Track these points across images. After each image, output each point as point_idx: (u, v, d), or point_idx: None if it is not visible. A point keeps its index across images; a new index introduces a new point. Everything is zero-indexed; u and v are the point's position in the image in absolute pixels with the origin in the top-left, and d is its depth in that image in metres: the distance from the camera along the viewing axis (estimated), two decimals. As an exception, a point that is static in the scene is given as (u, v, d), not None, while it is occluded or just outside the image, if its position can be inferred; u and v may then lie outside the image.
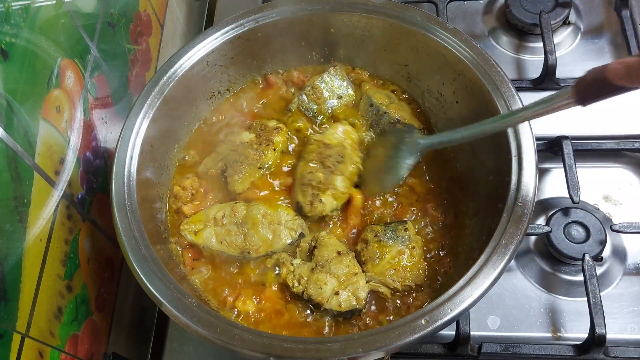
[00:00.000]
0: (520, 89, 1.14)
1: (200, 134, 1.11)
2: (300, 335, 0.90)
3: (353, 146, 1.03)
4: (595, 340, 0.90)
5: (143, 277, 0.82)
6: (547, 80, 1.18)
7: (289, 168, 1.05)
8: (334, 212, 0.98)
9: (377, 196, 1.00)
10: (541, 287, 1.03)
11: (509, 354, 0.93)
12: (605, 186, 1.12)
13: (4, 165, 0.71)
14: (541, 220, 1.09)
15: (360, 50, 1.12)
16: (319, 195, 0.96)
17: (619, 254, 1.04)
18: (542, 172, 1.15)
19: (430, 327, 0.75)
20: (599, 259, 1.02)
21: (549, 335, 0.98)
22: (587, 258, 0.96)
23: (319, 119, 1.09)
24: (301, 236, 0.97)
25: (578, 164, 1.06)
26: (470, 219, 0.96)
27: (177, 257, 0.97)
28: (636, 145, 1.11)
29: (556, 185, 1.12)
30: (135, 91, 1.13)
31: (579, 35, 1.29)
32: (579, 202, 1.03)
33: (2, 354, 0.69)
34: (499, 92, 0.93)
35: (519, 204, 0.83)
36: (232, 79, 1.13)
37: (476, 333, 0.96)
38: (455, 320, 0.79)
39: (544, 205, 1.11)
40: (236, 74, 1.13)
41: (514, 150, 0.88)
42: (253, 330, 0.79)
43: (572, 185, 1.04)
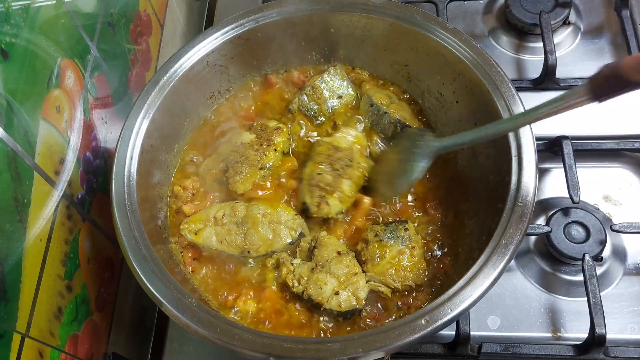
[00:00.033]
0: (520, 89, 1.14)
1: (200, 134, 1.11)
2: (300, 335, 0.90)
3: (362, 151, 1.03)
4: (595, 340, 0.90)
5: (143, 277, 0.82)
6: (547, 80, 1.18)
7: (291, 169, 1.05)
8: (338, 215, 0.98)
9: (388, 201, 1.00)
10: (541, 287, 1.03)
11: (509, 354, 0.93)
12: (605, 186, 1.12)
13: (4, 165, 0.71)
14: (541, 220, 1.09)
15: (360, 50, 1.12)
16: (325, 197, 0.96)
17: (619, 254, 1.04)
18: (542, 172, 1.15)
19: (430, 327, 0.75)
20: (599, 259, 1.02)
21: (549, 335, 0.98)
22: (587, 258, 0.96)
23: (320, 119, 1.09)
24: (301, 236, 0.97)
25: (578, 164, 1.06)
26: (470, 219, 0.96)
27: (177, 257, 0.97)
28: (636, 145, 1.11)
29: (556, 185, 1.12)
30: (135, 91, 1.13)
31: (579, 35, 1.29)
32: (579, 202, 1.03)
33: (2, 354, 0.69)
34: (499, 92, 0.93)
35: (519, 204, 0.83)
36: (232, 79, 1.13)
37: (476, 333, 0.96)
38: (455, 320, 0.79)
39: (544, 205, 1.11)
40: (236, 74, 1.13)
41: (514, 150, 0.88)
42: (253, 330, 0.79)
43: (572, 185, 1.04)
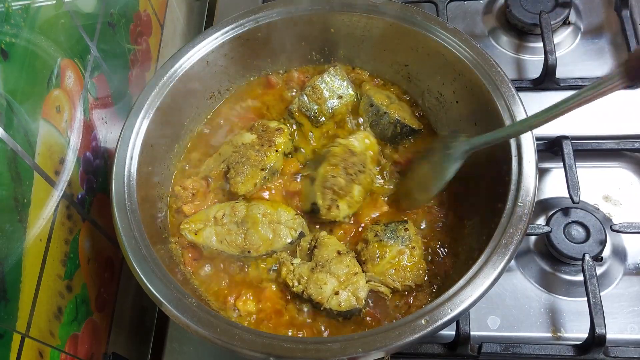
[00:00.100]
0: (520, 89, 1.14)
1: (200, 135, 1.11)
2: (300, 335, 0.90)
3: (373, 158, 1.03)
4: (595, 340, 0.90)
5: (143, 277, 0.82)
6: (547, 80, 1.18)
7: (292, 171, 1.05)
8: (345, 219, 0.98)
9: (420, 206, 1.00)
10: (541, 287, 1.03)
11: (509, 354, 0.93)
12: (605, 186, 1.12)
13: (4, 165, 0.71)
14: (541, 220, 1.09)
15: (360, 50, 1.12)
16: (337, 201, 0.96)
17: (619, 254, 1.04)
18: (542, 172, 1.15)
19: (430, 327, 0.75)
20: (599, 259, 1.02)
21: (549, 335, 0.98)
22: (587, 258, 0.96)
23: (321, 119, 1.09)
24: (301, 235, 0.97)
25: (578, 164, 1.06)
26: (470, 219, 0.96)
27: (177, 257, 0.96)
28: (636, 145, 1.11)
29: (556, 185, 1.12)
30: (135, 91, 1.13)
31: (579, 35, 1.29)
32: (579, 202, 1.03)
33: (2, 354, 0.69)
34: (499, 92, 0.93)
35: (519, 204, 0.83)
36: (232, 79, 1.13)
37: (476, 333, 0.96)
38: (455, 320, 0.79)
39: (544, 205, 1.11)
40: (236, 74, 1.13)
41: (514, 150, 0.88)
42: (253, 330, 0.79)
43: (572, 185, 1.04)
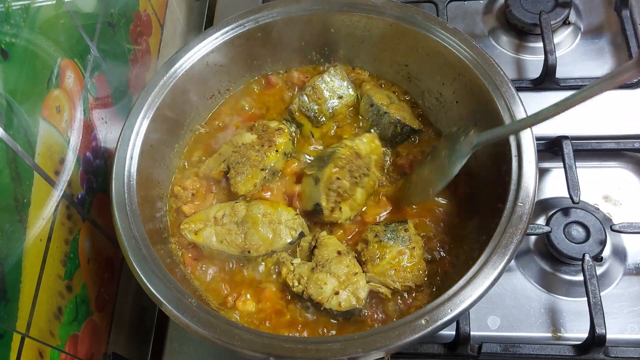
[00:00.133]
0: (520, 89, 1.14)
1: (200, 135, 1.11)
2: (300, 335, 0.90)
3: (377, 162, 1.03)
4: (595, 340, 0.90)
5: (143, 277, 0.82)
6: (547, 80, 1.18)
7: (293, 172, 1.05)
8: (346, 221, 0.99)
9: (425, 202, 1.00)
10: (541, 287, 1.03)
11: (509, 354, 0.93)
12: (605, 186, 1.12)
13: (4, 165, 0.71)
14: (541, 220, 1.09)
15: (360, 50, 1.12)
16: (340, 203, 0.96)
17: (619, 254, 1.04)
18: (542, 172, 1.14)
19: (430, 327, 0.75)
20: (599, 259, 1.02)
21: (549, 335, 0.98)
22: (587, 258, 0.96)
23: (322, 119, 1.09)
24: (301, 235, 0.97)
25: (578, 164, 1.06)
26: (470, 219, 0.96)
27: (177, 257, 0.96)
28: (636, 145, 1.11)
29: (556, 185, 1.12)
30: (135, 91, 1.13)
31: (579, 35, 1.29)
32: (579, 202, 1.03)
33: (2, 354, 0.69)
34: (499, 92, 0.93)
35: (519, 204, 0.83)
36: (232, 79, 1.13)
37: (476, 333, 0.96)
38: (455, 320, 0.79)
39: (544, 205, 1.11)
40: (236, 74, 1.13)
41: (514, 150, 0.88)
42: (253, 330, 0.79)
43: (572, 185, 1.04)
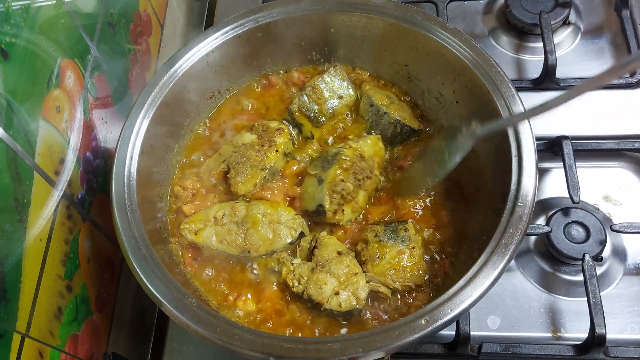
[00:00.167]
0: (520, 89, 1.14)
1: (200, 135, 1.11)
2: (300, 335, 0.90)
3: (379, 164, 1.04)
4: (595, 340, 0.90)
5: (143, 277, 0.82)
6: (547, 80, 1.18)
7: (294, 173, 1.05)
8: (347, 223, 0.99)
9: (420, 193, 1.00)
10: (541, 287, 1.02)
11: (509, 354, 0.93)
12: (605, 186, 1.12)
13: (4, 165, 0.71)
14: (541, 220, 1.09)
15: (361, 50, 1.12)
16: (343, 206, 0.96)
17: (619, 254, 1.04)
18: (542, 172, 1.14)
19: (430, 327, 0.75)
20: (599, 259, 1.02)
21: (549, 335, 0.98)
22: (587, 258, 0.96)
23: (322, 119, 1.09)
24: (301, 235, 0.97)
25: (578, 164, 1.06)
26: (470, 219, 0.96)
27: (177, 257, 0.96)
28: (636, 145, 1.11)
29: (556, 185, 1.12)
30: (135, 91, 1.13)
31: (579, 35, 1.29)
32: (579, 202, 1.03)
33: (2, 354, 0.69)
34: (499, 92, 0.93)
35: (519, 204, 0.83)
36: (232, 79, 1.13)
37: (476, 333, 0.96)
38: (455, 320, 0.79)
39: (544, 205, 1.11)
40: (236, 74, 1.13)
41: (514, 150, 0.88)
42: (253, 330, 0.79)
43: (572, 185, 1.04)
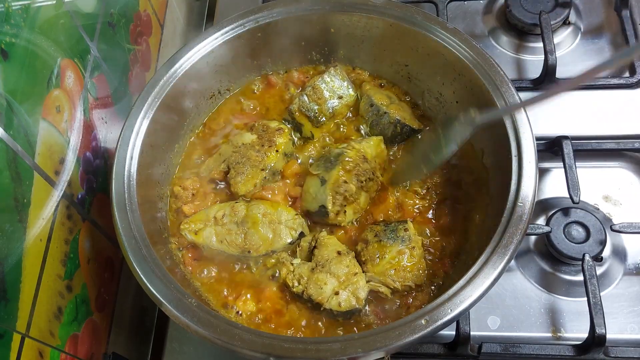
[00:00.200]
0: (520, 89, 1.14)
1: (201, 135, 1.11)
2: (300, 335, 0.90)
3: (381, 166, 1.04)
4: (595, 340, 0.90)
5: (143, 277, 0.82)
6: (547, 81, 1.18)
7: (294, 173, 1.05)
8: (348, 224, 0.99)
9: (416, 180, 1.01)
10: (541, 287, 1.02)
11: (509, 354, 0.93)
12: (605, 186, 1.12)
13: (4, 165, 0.71)
14: (541, 220, 1.09)
15: (361, 50, 1.12)
16: (345, 207, 0.96)
17: (619, 254, 1.04)
18: (542, 172, 1.14)
19: (430, 327, 0.75)
20: (599, 259, 1.02)
21: (549, 335, 0.98)
22: (587, 258, 0.96)
23: (322, 119, 1.09)
24: (301, 235, 0.97)
25: (578, 164, 1.06)
26: (470, 219, 0.96)
27: (177, 257, 0.97)
28: (636, 145, 1.11)
29: (556, 185, 1.12)
30: (135, 91, 1.13)
31: (579, 35, 1.29)
32: (579, 202, 1.03)
33: (2, 354, 0.69)
34: (499, 92, 0.93)
35: (519, 204, 0.83)
36: (232, 79, 1.13)
37: (476, 333, 0.96)
38: (455, 320, 0.79)
39: (544, 205, 1.11)
40: (236, 74, 1.13)
41: (514, 150, 0.88)
42: (253, 330, 0.79)
43: (572, 185, 1.04)
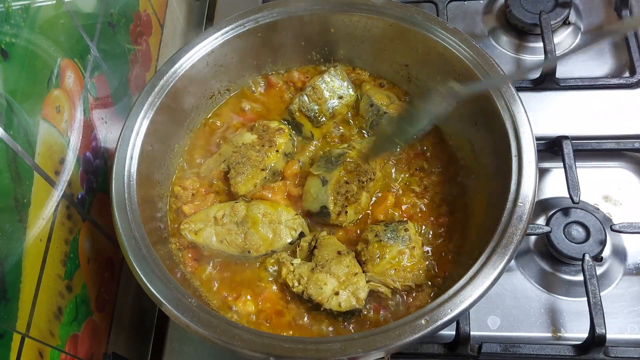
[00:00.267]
0: (520, 89, 1.14)
1: (201, 135, 1.11)
2: (300, 335, 0.90)
3: (381, 166, 1.03)
4: (595, 340, 0.90)
5: (143, 277, 0.82)
6: (547, 81, 1.18)
7: (294, 173, 1.05)
8: (349, 225, 0.99)
9: (389, 154, 1.02)
10: (541, 287, 1.02)
11: (509, 354, 0.93)
12: (605, 186, 1.12)
13: (4, 165, 0.71)
14: (541, 220, 1.09)
15: (361, 50, 1.12)
16: (346, 207, 0.96)
17: (619, 254, 1.04)
18: (542, 172, 1.14)
19: (430, 327, 0.75)
20: (599, 259, 1.02)
21: (549, 335, 0.98)
22: (587, 258, 0.96)
23: (322, 119, 1.09)
24: (301, 235, 0.97)
25: (578, 164, 1.06)
26: (470, 219, 0.96)
27: (177, 257, 0.97)
28: (636, 145, 1.11)
29: (556, 185, 1.12)
30: (135, 91, 1.13)
31: (579, 35, 1.29)
32: (579, 202, 1.03)
33: (2, 354, 0.69)
34: (499, 92, 0.93)
35: (519, 204, 0.83)
36: (232, 79, 1.13)
37: (476, 333, 0.96)
38: (455, 320, 0.79)
39: (544, 205, 1.11)
40: (236, 74, 1.13)
41: (514, 150, 0.88)
42: (253, 330, 0.79)
43: (572, 185, 1.04)
